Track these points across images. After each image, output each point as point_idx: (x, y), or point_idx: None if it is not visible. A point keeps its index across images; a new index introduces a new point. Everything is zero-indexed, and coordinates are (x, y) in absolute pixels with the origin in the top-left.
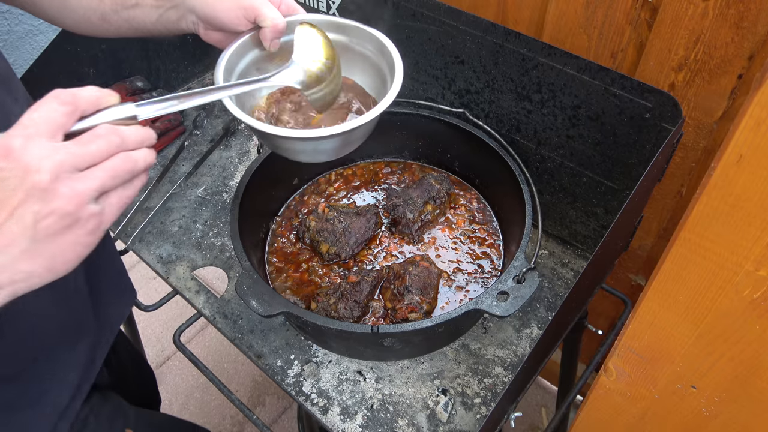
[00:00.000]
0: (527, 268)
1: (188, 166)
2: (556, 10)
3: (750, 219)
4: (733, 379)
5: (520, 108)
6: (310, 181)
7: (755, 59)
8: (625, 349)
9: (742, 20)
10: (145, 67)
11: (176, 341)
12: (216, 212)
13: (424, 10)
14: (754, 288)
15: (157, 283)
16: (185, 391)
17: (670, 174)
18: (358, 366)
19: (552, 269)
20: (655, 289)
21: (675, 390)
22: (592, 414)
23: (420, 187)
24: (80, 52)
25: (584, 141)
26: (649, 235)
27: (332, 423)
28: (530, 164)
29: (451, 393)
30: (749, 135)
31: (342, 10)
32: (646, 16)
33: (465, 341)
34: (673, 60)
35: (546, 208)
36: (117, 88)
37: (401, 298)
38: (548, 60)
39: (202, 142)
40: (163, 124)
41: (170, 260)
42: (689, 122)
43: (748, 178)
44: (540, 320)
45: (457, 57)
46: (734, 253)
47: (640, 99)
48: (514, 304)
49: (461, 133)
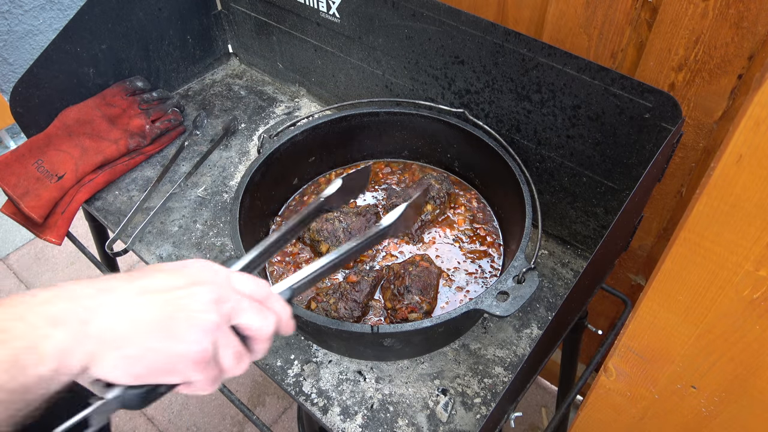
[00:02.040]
0: (527, 268)
1: (188, 166)
2: (556, 10)
3: (750, 219)
4: (733, 379)
5: (520, 108)
6: (311, 181)
7: (755, 59)
8: (625, 349)
9: (742, 20)
10: (145, 67)
11: None
12: (216, 212)
13: (424, 10)
14: (754, 288)
15: None
16: None
17: (670, 174)
18: (358, 366)
19: (552, 269)
20: (655, 289)
21: (675, 390)
22: (592, 414)
23: (420, 187)
24: (80, 52)
25: (584, 141)
26: (649, 235)
27: (332, 423)
28: (530, 164)
29: (451, 393)
30: (749, 135)
31: (342, 10)
32: (646, 16)
33: (465, 341)
34: (673, 60)
35: (546, 208)
36: (117, 88)
37: (401, 298)
38: (548, 60)
39: (202, 142)
40: (163, 124)
41: (170, 260)
42: (689, 122)
43: (748, 178)
44: (540, 320)
45: (457, 57)
46: (734, 253)
47: (640, 99)
48: (514, 304)
49: (461, 133)
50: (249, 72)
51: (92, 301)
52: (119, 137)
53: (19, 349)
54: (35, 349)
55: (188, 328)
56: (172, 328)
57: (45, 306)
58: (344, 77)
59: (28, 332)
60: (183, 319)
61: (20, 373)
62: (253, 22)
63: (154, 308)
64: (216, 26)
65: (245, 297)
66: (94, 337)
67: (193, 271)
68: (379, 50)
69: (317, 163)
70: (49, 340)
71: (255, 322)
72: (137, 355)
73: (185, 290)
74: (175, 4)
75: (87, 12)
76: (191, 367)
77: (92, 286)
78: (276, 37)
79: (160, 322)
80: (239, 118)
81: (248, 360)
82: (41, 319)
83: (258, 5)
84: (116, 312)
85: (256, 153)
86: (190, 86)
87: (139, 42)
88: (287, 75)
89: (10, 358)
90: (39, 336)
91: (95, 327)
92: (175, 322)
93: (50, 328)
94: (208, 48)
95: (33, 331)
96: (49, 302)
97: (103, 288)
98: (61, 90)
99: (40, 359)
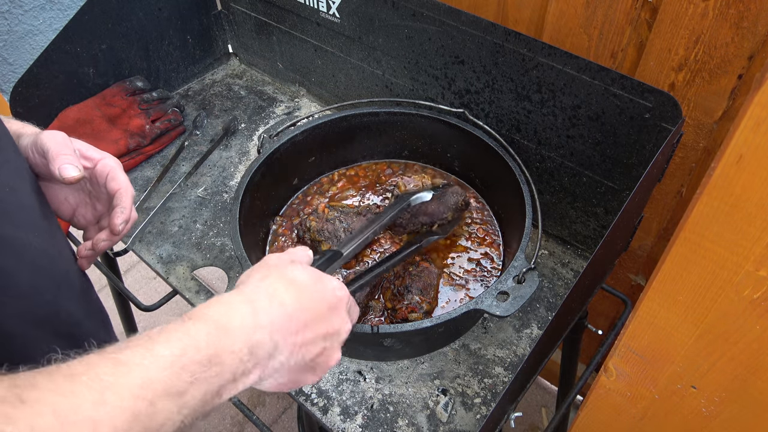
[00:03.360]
0: (527, 268)
1: (188, 166)
2: (556, 10)
3: (750, 219)
4: (733, 379)
5: (520, 108)
6: (312, 181)
7: (755, 59)
8: (625, 349)
9: (742, 20)
10: (145, 67)
11: None
12: (216, 212)
13: (424, 10)
14: (754, 288)
15: (157, 283)
16: None
17: (670, 174)
18: (358, 366)
19: (552, 269)
20: (655, 289)
21: (675, 390)
22: (592, 414)
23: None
24: (80, 52)
25: (584, 141)
26: (649, 235)
27: (332, 423)
28: (530, 164)
29: (451, 393)
30: (749, 135)
31: (342, 10)
32: (646, 16)
33: (465, 341)
34: (673, 60)
35: (546, 208)
36: (117, 88)
37: (401, 298)
38: (548, 60)
39: (202, 142)
40: (163, 124)
41: (170, 260)
42: (689, 122)
43: (748, 178)
44: (540, 320)
45: (457, 57)
46: (734, 253)
47: (640, 99)
48: (514, 304)
49: (461, 133)
50: (249, 72)
51: (279, 336)
52: (119, 137)
53: (225, 381)
54: (235, 383)
55: (325, 368)
56: (317, 367)
57: (250, 334)
58: (344, 77)
59: (235, 366)
60: (325, 359)
61: (217, 400)
62: (253, 22)
63: (312, 350)
64: (216, 26)
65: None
66: (271, 370)
67: (339, 306)
68: (379, 50)
69: (317, 163)
70: (246, 378)
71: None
72: (285, 384)
73: (334, 333)
74: (175, 4)
75: (87, 12)
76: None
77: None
78: (276, 37)
79: (312, 360)
80: (239, 118)
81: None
82: (244, 350)
83: (258, 5)
84: (290, 349)
85: (256, 153)
86: (190, 86)
87: (139, 42)
88: (287, 75)
89: (217, 389)
90: (239, 372)
91: (276, 362)
92: (320, 361)
93: (248, 362)
94: (208, 48)
95: (238, 366)
96: (255, 331)
97: (290, 316)
98: (61, 90)
99: (235, 390)
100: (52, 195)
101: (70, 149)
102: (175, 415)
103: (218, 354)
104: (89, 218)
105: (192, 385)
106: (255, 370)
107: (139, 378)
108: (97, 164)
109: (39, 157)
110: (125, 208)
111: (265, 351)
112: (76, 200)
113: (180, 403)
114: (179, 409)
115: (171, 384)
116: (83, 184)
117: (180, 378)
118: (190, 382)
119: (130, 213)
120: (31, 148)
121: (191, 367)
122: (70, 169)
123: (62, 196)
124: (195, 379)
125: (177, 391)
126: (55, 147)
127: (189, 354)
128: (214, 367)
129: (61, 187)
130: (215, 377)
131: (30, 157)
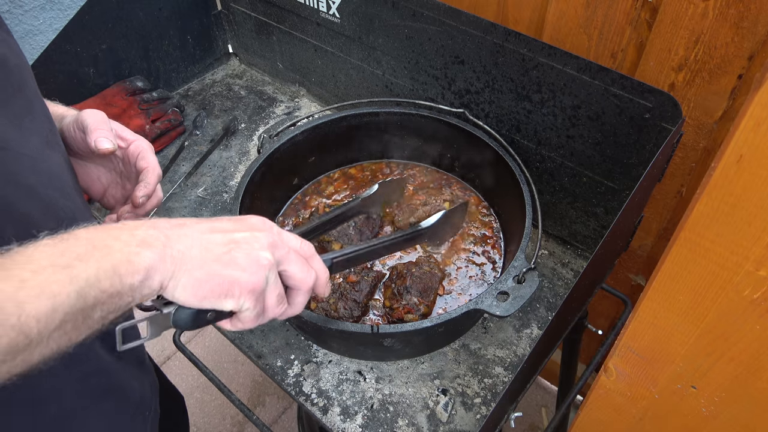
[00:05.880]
0: (527, 268)
1: (188, 166)
2: (556, 10)
3: (750, 219)
4: (733, 379)
5: (520, 108)
6: (311, 181)
7: (755, 59)
8: (625, 349)
9: (742, 20)
10: (145, 67)
11: (176, 341)
12: (216, 212)
13: (424, 10)
14: (754, 288)
15: None
16: (185, 391)
17: (670, 174)
18: (358, 366)
19: (552, 269)
20: (656, 289)
21: (675, 390)
22: (592, 414)
23: (458, 202)
24: (80, 52)
25: (584, 141)
26: (649, 235)
27: (332, 423)
28: (530, 164)
29: (451, 393)
30: (749, 135)
31: (342, 10)
32: (646, 16)
33: (465, 341)
34: (673, 60)
35: (546, 208)
36: (117, 88)
37: (399, 297)
38: (548, 60)
39: (202, 142)
40: (163, 124)
41: None
42: (689, 122)
43: (748, 178)
44: (540, 320)
45: (457, 57)
46: (734, 253)
47: (640, 99)
48: (514, 304)
49: (461, 133)
50: (249, 72)
51: (171, 231)
52: None
53: (117, 261)
54: (130, 262)
55: (248, 261)
56: (235, 259)
57: (134, 230)
58: (344, 77)
59: (124, 249)
60: (244, 253)
61: (118, 281)
62: (253, 22)
63: (221, 242)
64: (216, 26)
65: (293, 250)
66: (173, 259)
67: (253, 222)
68: (379, 50)
69: (317, 163)
70: (139, 257)
71: (298, 273)
72: (204, 278)
73: (247, 233)
74: (175, 4)
75: (87, 12)
76: (245, 295)
77: (169, 222)
78: (276, 37)
79: (225, 253)
80: (239, 118)
81: (285, 307)
82: (133, 240)
83: (258, 5)
84: (190, 241)
85: (256, 153)
86: (190, 86)
87: (139, 42)
88: (287, 75)
89: (111, 268)
90: (132, 252)
91: (174, 251)
92: (238, 254)
93: (140, 248)
94: (208, 48)
95: (127, 248)
96: (137, 228)
97: (179, 223)
98: (62, 90)
99: (134, 271)
100: (86, 174)
101: (107, 126)
102: (68, 286)
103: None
104: (118, 197)
105: (79, 260)
106: (146, 252)
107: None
108: (131, 144)
109: (78, 132)
110: (149, 183)
111: (154, 239)
112: (108, 180)
113: (71, 274)
114: (70, 280)
115: (54, 260)
116: (115, 164)
117: (63, 255)
118: (75, 257)
119: (153, 189)
120: (72, 125)
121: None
122: (104, 141)
123: (95, 175)
124: (78, 256)
125: (62, 264)
126: (94, 123)
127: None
128: (97, 251)
129: (95, 166)
130: (105, 257)
131: (70, 134)
